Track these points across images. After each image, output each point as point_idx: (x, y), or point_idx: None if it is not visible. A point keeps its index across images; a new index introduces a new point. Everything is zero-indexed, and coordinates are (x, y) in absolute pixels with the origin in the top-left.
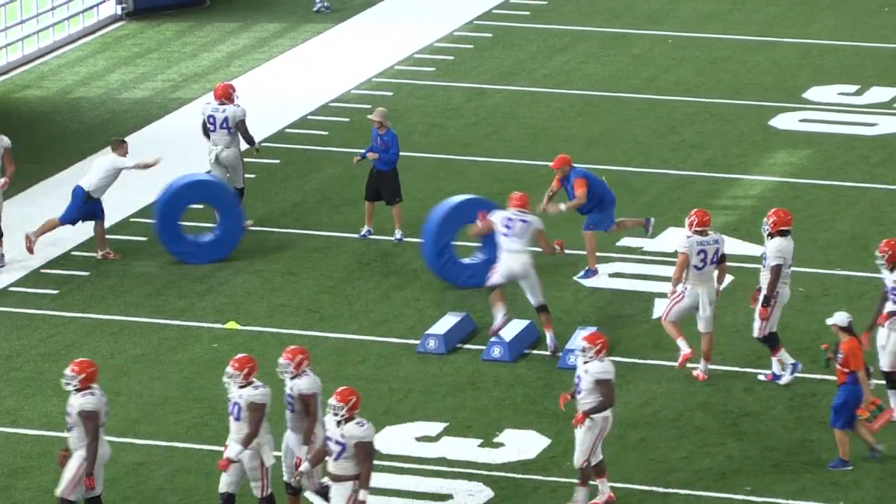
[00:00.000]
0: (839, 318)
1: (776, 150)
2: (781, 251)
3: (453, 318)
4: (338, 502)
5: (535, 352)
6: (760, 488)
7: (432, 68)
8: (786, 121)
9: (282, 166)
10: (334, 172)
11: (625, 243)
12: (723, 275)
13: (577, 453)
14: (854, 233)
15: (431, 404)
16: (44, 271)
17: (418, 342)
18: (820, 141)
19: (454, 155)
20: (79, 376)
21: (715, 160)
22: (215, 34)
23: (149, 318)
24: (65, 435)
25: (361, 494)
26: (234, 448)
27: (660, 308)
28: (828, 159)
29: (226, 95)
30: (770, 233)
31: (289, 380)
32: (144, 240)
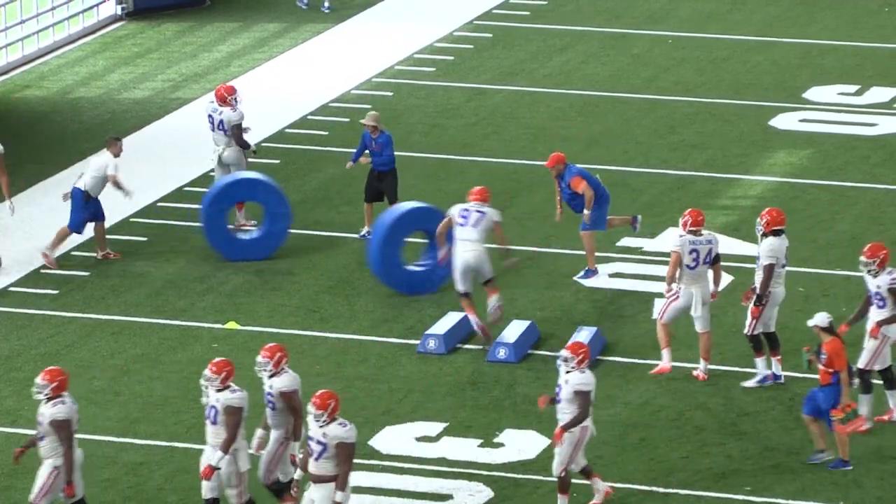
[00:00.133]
0: (819, 318)
1: (776, 150)
2: (774, 251)
3: (453, 318)
4: (320, 503)
5: (535, 352)
6: (760, 488)
7: (432, 68)
8: (786, 121)
9: (282, 166)
10: (334, 172)
11: (625, 243)
12: (718, 275)
13: (555, 462)
14: (854, 233)
15: (431, 404)
16: (44, 271)
17: (418, 342)
18: (820, 141)
19: (454, 155)
20: (50, 384)
21: (715, 160)
22: (215, 34)
23: (149, 318)
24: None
25: (339, 496)
26: (215, 455)
27: (659, 308)
28: (828, 159)
29: (221, 98)
30: (764, 232)
31: (266, 378)
32: (144, 240)
